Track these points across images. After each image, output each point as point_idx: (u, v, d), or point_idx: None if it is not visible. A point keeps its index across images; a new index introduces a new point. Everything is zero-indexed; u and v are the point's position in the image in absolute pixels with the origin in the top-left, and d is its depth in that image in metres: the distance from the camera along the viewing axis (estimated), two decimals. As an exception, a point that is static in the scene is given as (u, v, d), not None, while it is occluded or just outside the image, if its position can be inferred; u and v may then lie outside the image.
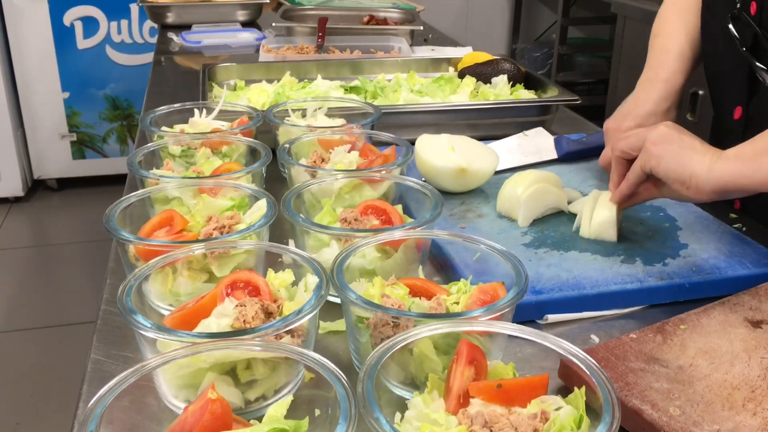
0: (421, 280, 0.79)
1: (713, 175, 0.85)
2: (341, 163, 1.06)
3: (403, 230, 0.85)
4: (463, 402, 0.61)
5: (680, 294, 0.88)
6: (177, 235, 0.85)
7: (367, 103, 1.35)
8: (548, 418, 0.58)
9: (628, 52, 3.29)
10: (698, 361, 0.72)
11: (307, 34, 2.13)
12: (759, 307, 0.82)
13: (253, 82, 1.63)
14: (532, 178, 1.05)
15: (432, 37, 2.38)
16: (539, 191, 1.04)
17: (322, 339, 0.81)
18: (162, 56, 2.14)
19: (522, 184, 1.04)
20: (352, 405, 0.56)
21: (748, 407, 0.66)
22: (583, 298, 0.86)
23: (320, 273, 0.73)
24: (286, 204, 0.89)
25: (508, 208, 1.05)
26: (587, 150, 1.27)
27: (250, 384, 0.67)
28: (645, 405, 0.66)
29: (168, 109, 1.27)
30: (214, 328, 0.68)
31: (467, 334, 0.66)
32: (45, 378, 2.43)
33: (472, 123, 1.45)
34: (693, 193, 0.87)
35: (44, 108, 3.63)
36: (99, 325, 0.84)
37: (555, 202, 1.06)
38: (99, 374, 0.75)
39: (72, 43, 3.58)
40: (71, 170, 3.78)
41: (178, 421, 0.58)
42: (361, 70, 1.75)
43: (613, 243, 0.97)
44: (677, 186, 0.88)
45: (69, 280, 3.07)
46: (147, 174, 1.01)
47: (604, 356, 0.73)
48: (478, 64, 1.65)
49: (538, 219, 1.04)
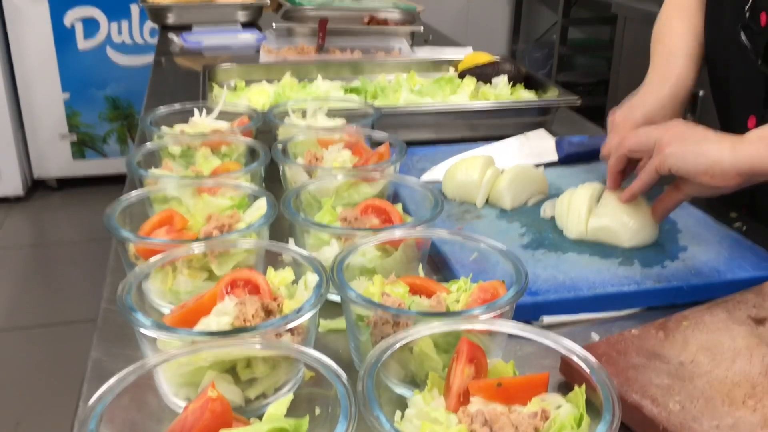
0: (421, 279, 0.79)
1: (738, 158, 0.85)
2: (335, 161, 1.07)
3: (403, 229, 0.85)
4: (463, 400, 0.61)
5: (678, 297, 0.88)
6: (177, 233, 0.85)
7: (367, 104, 1.35)
8: (548, 417, 0.58)
9: (629, 52, 3.29)
10: (699, 357, 0.72)
11: (307, 35, 2.13)
12: (762, 305, 0.82)
13: (254, 83, 1.63)
14: (481, 162, 1.10)
15: (432, 37, 2.38)
16: (521, 173, 1.08)
17: (322, 337, 0.81)
18: (162, 57, 2.14)
19: (475, 169, 1.09)
20: (352, 403, 0.56)
21: (749, 403, 0.66)
22: (579, 299, 0.86)
23: (320, 271, 0.73)
24: (286, 203, 0.89)
25: (462, 193, 1.09)
26: (588, 152, 1.27)
27: (251, 382, 0.67)
28: (645, 400, 0.66)
29: (168, 110, 1.26)
30: (214, 327, 0.68)
31: (467, 332, 0.66)
32: (45, 377, 2.43)
33: (472, 124, 1.45)
34: (718, 181, 0.86)
35: (44, 108, 3.63)
36: (99, 323, 0.84)
37: (538, 187, 1.10)
38: (99, 373, 0.75)
39: (72, 44, 3.58)
40: (71, 170, 3.78)
41: (178, 419, 0.58)
42: (361, 70, 1.75)
43: (612, 245, 0.97)
44: (701, 177, 0.87)
45: (69, 279, 3.07)
46: (146, 174, 1.01)
47: (605, 351, 0.73)
48: (478, 65, 1.65)
49: (535, 218, 1.05)
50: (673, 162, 0.88)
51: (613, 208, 0.98)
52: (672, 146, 0.89)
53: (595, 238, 0.97)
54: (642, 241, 0.96)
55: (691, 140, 0.88)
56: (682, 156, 0.88)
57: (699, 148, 0.87)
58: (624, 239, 0.96)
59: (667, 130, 0.91)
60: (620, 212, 0.97)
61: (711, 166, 0.86)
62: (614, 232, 0.96)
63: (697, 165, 0.87)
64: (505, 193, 1.07)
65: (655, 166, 0.91)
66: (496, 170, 1.10)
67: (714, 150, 0.86)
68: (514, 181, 1.07)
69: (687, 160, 0.87)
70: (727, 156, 0.85)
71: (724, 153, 0.86)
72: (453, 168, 1.12)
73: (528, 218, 1.05)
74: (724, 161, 0.85)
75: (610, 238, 0.97)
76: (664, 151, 0.89)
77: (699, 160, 0.86)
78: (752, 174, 0.86)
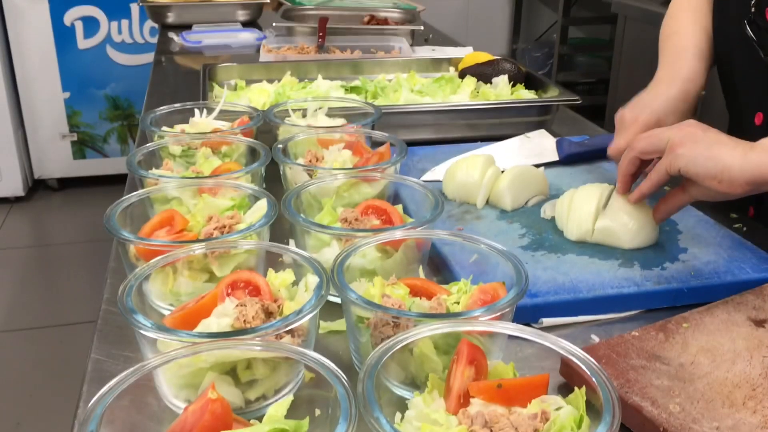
0: (421, 280, 0.79)
1: (747, 165, 0.84)
2: (336, 161, 1.07)
3: (403, 230, 0.85)
4: (463, 402, 0.61)
5: (678, 298, 0.88)
6: (177, 234, 0.85)
7: (367, 103, 1.35)
8: (548, 418, 0.58)
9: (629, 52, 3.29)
10: (700, 359, 0.72)
11: (307, 34, 2.13)
12: (763, 307, 0.82)
13: (254, 82, 1.63)
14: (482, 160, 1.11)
15: (432, 37, 2.38)
16: (521, 173, 1.08)
17: (322, 339, 0.80)
18: (162, 56, 2.14)
19: (476, 169, 1.09)
20: (352, 405, 0.56)
21: (749, 405, 0.66)
22: (579, 301, 0.86)
23: (321, 273, 0.73)
24: (287, 204, 0.89)
25: (463, 194, 1.10)
26: (589, 152, 1.27)
27: (251, 384, 0.67)
28: (645, 402, 0.66)
29: (168, 109, 1.26)
30: (214, 328, 0.68)
31: (468, 333, 0.66)
32: (45, 378, 2.43)
33: (472, 123, 1.45)
34: (726, 187, 0.85)
35: (45, 108, 3.63)
36: (99, 324, 0.84)
37: (539, 187, 1.10)
38: (99, 374, 0.75)
39: (72, 43, 3.58)
40: (72, 170, 3.78)
41: (178, 421, 0.58)
42: (361, 70, 1.75)
43: (612, 246, 0.97)
44: (709, 182, 0.86)
45: (69, 280, 3.07)
46: (146, 174, 1.01)
47: (606, 353, 0.73)
48: (478, 64, 1.65)
49: (536, 219, 1.05)
50: (684, 163, 0.87)
51: (614, 209, 0.98)
52: (684, 147, 0.87)
53: (595, 240, 0.97)
54: (642, 242, 0.96)
55: (703, 143, 0.87)
56: (693, 158, 0.86)
57: (711, 151, 0.86)
58: (624, 240, 0.96)
59: (680, 130, 0.90)
60: (620, 213, 0.97)
61: (721, 171, 0.85)
62: (614, 233, 0.96)
63: (707, 168, 0.85)
64: (505, 194, 1.07)
65: (665, 166, 0.89)
66: (497, 170, 1.10)
67: (726, 155, 0.85)
68: (514, 182, 1.07)
69: (697, 162, 0.86)
70: (738, 162, 0.84)
71: (736, 159, 0.84)
72: (453, 168, 1.12)
73: (528, 219, 1.05)
74: (735, 167, 0.84)
75: (610, 239, 0.97)
76: (676, 152, 0.88)
77: (709, 164, 0.85)
78: (760, 183, 0.84)
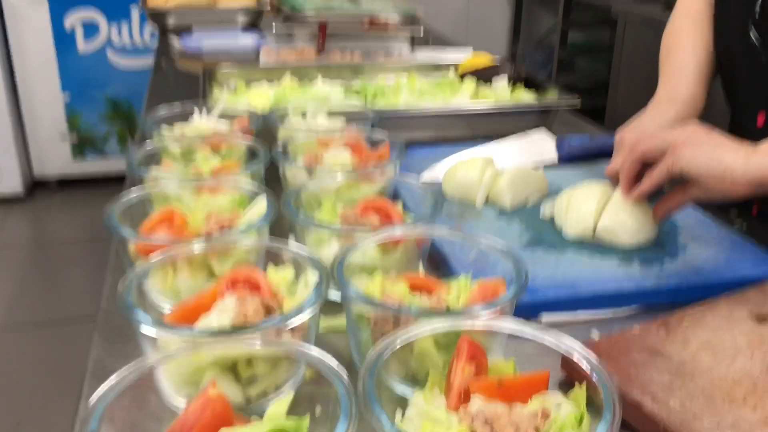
0: (421, 277, 0.79)
1: (750, 167, 0.84)
2: (336, 162, 1.07)
3: (403, 228, 0.85)
4: (464, 399, 0.61)
5: (677, 296, 0.88)
6: (177, 232, 0.85)
7: (367, 106, 1.36)
8: (549, 415, 0.58)
9: (628, 55, 3.29)
10: (701, 355, 0.72)
11: (307, 38, 2.13)
12: (764, 303, 0.81)
13: (254, 85, 1.63)
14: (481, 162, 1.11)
15: (432, 39, 2.38)
16: (520, 173, 1.08)
17: (322, 336, 0.80)
18: (162, 60, 2.14)
19: (475, 169, 1.09)
20: (352, 402, 0.56)
21: (749, 401, 0.66)
22: (578, 297, 0.86)
23: (321, 270, 0.73)
24: (287, 202, 0.89)
25: (462, 193, 1.10)
26: (589, 152, 1.27)
27: (251, 381, 0.67)
28: (645, 398, 0.66)
29: (168, 111, 1.27)
30: (214, 325, 0.68)
31: (468, 330, 0.66)
32: (45, 376, 2.43)
33: (472, 125, 1.45)
34: (728, 186, 0.86)
35: (44, 108, 3.63)
36: (100, 322, 0.84)
37: (538, 187, 1.10)
38: (100, 372, 0.75)
39: (73, 47, 3.58)
40: (71, 170, 3.78)
41: (178, 418, 0.58)
42: (361, 73, 1.75)
43: (611, 244, 0.97)
44: (711, 183, 0.86)
45: (69, 279, 3.07)
46: (146, 173, 1.01)
47: (606, 349, 0.73)
48: (478, 69, 1.65)
49: (535, 218, 1.04)
50: (686, 163, 0.87)
51: (614, 208, 0.98)
52: (686, 148, 0.88)
53: (595, 238, 0.97)
54: (642, 240, 0.96)
55: (706, 144, 0.88)
56: (695, 158, 0.87)
57: (713, 152, 0.86)
58: (623, 238, 0.96)
59: (683, 131, 0.90)
60: (620, 211, 0.97)
61: (723, 172, 0.85)
62: (614, 231, 0.96)
63: (708, 169, 0.86)
64: (504, 193, 1.07)
65: (667, 166, 0.90)
66: (496, 170, 1.10)
67: (729, 156, 0.86)
68: (513, 181, 1.08)
69: (699, 163, 0.87)
70: (740, 164, 0.85)
71: (738, 160, 0.85)
72: (453, 168, 1.12)
73: (527, 218, 1.05)
74: (737, 169, 0.85)
75: (609, 238, 0.97)
76: (678, 152, 0.88)
77: (711, 165, 0.86)
78: (762, 185, 0.85)
